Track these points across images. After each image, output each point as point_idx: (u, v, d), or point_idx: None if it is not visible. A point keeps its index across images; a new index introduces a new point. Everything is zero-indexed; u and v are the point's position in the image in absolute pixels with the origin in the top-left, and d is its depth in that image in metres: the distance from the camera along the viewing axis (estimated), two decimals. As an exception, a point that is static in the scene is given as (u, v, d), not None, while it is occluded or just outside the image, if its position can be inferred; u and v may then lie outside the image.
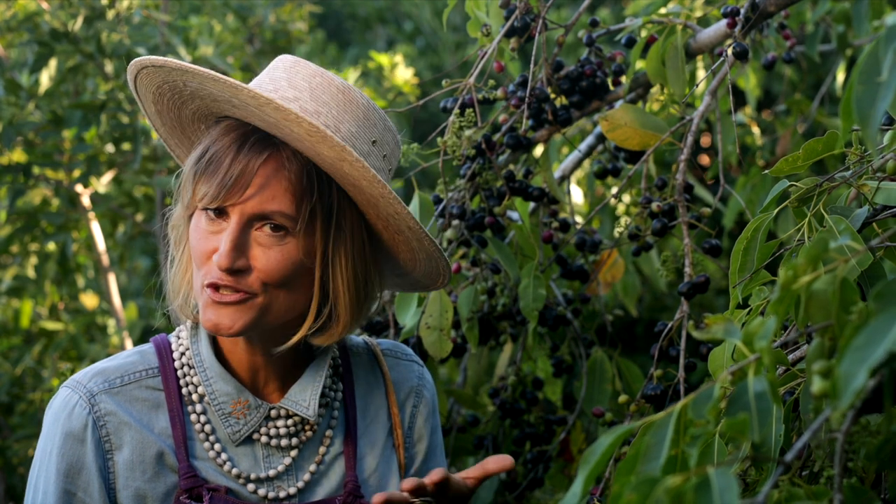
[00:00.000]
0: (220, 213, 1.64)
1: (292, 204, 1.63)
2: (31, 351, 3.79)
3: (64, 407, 1.68)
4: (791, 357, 1.57)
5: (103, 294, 4.06)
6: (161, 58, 1.63)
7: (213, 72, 1.60)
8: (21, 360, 3.71)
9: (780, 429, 1.31)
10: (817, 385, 1.09)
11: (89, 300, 4.22)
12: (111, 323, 3.96)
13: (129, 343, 3.54)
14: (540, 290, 2.16)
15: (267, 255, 1.63)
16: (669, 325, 1.99)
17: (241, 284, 1.63)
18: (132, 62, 1.66)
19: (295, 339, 1.69)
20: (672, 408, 1.14)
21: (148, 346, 1.76)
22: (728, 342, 1.54)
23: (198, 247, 1.65)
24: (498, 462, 1.64)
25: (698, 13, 2.83)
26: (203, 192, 1.63)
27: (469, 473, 1.65)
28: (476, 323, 2.18)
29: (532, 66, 2.21)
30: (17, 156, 3.61)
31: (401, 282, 1.87)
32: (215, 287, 1.63)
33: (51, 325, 3.89)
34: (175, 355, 1.74)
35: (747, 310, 1.62)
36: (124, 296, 4.01)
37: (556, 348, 2.43)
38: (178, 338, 1.75)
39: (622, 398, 2.00)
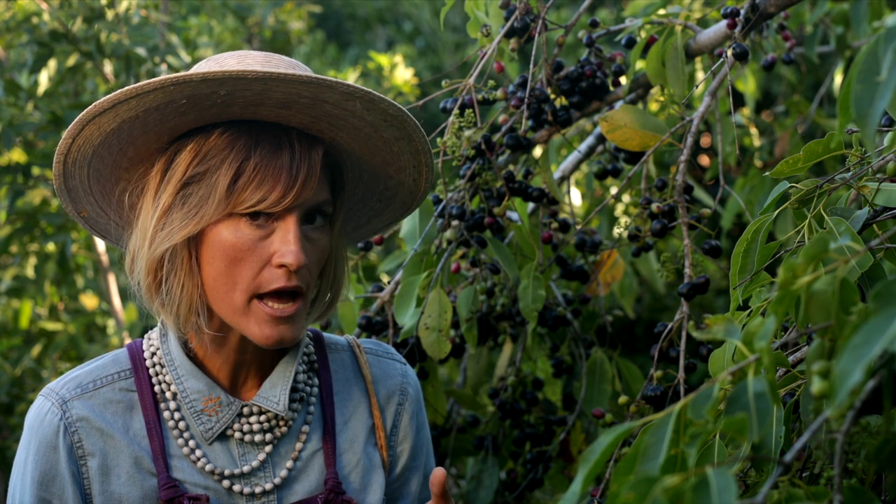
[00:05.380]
0: (269, 214, 1.63)
1: (330, 194, 1.70)
2: (30, 351, 3.79)
3: (37, 415, 1.69)
4: (791, 359, 1.57)
5: (103, 294, 4.06)
6: (269, 70, 1.58)
7: (328, 77, 1.61)
8: (21, 360, 3.72)
9: (781, 430, 1.31)
10: (817, 385, 1.09)
11: (89, 300, 4.23)
12: (111, 323, 3.96)
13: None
14: (539, 291, 2.16)
15: (314, 247, 1.68)
16: (669, 326, 1.99)
17: (301, 283, 1.65)
18: (200, 72, 1.57)
19: (308, 322, 1.74)
20: (671, 407, 1.14)
21: (121, 350, 1.76)
22: (729, 344, 1.54)
23: (246, 259, 1.63)
24: (436, 481, 1.63)
25: (697, 14, 2.83)
26: (258, 199, 1.61)
27: None
28: (475, 323, 2.18)
29: (532, 66, 2.21)
30: (17, 156, 3.61)
31: (355, 235, 1.93)
32: (275, 295, 1.63)
33: (51, 326, 3.89)
34: (146, 355, 1.74)
35: (748, 311, 1.62)
36: (124, 296, 4.01)
37: (555, 349, 2.43)
38: (149, 339, 1.76)
39: (622, 399, 2.00)
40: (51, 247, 3.77)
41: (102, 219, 1.79)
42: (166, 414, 1.71)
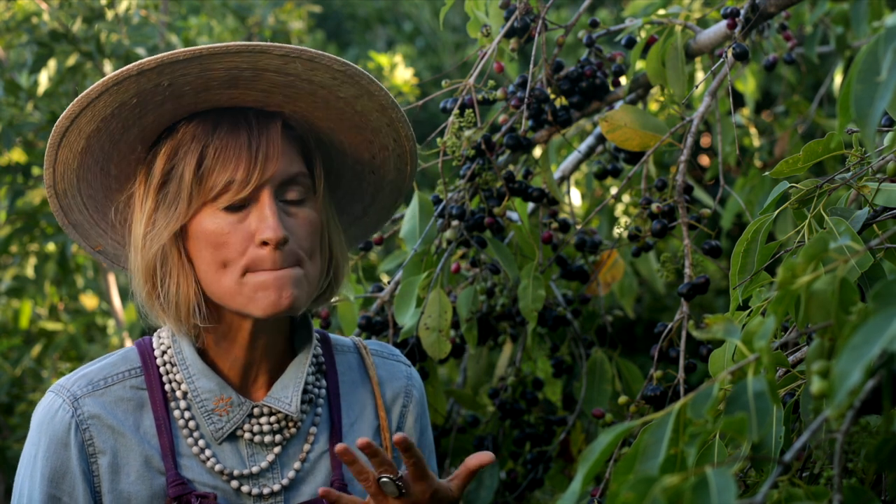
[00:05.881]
0: (242, 200, 1.64)
1: (304, 166, 1.70)
2: (30, 351, 3.79)
3: (48, 411, 1.68)
4: (791, 359, 1.57)
5: (103, 294, 4.06)
6: (164, 54, 1.59)
7: (252, 43, 1.61)
8: (21, 360, 3.72)
9: (781, 430, 1.31)
10: (816, 385, 1.09)
11: (89, 300, 4.23)
12: (111, 323, 3.96)
13: (128, 343, 3.54)
14: (539, 291, 2.16)
15: (297, 222, 1.67)
16: (669, 326, 1.99)
17: (289, 257, 1.64)
18: (135, 64, 1.59)
19: (310, 303, 1.73)
20: (671, 407, 1.14)
21: (131, 348, 1.76)
22: (728, 343, 1.54)
23: (229, 242, 1.64)
24: (479, 458, 1.64)
25: (697, 14, 2.83)
26: (224, 182, 1.62)
27: (454, 475, 1.65)
28: (475, 323, 2.18)
29: (532, 66, 2.21)
30: (17, 156, 3.61)
31: (368, 219, 1.92)
32: (265, 268, 1.63)
33: (51, 326, 3.89)
34: (157, 353, 1.73)
35: (748, 311, 1.62)
36: (124, 296, 4.01)
37: (555, 349, 2.43)
38: (160, 337, 1.75)
39: (622, 399, 2.00)
40: (51, 247, 3.77)
41: (120, 251, 1.81)
42: (176, 413, 1.71)
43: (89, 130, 1.64)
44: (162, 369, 1.72)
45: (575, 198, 3.27)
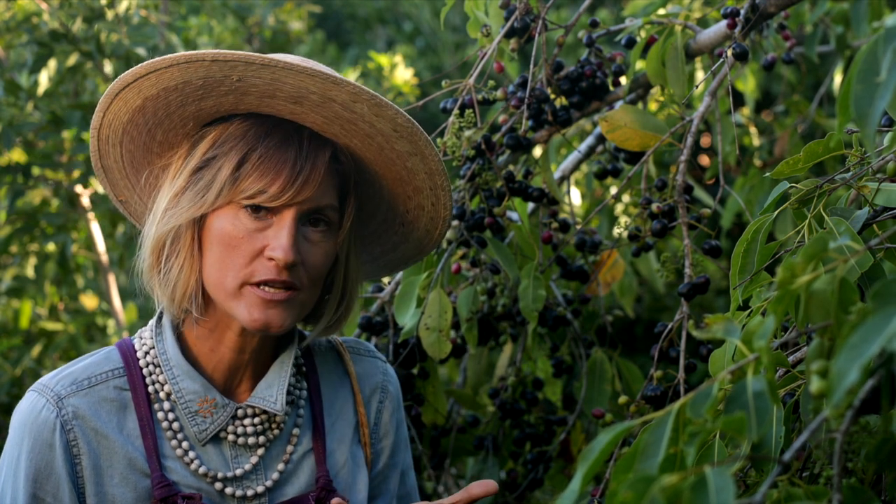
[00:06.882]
0: (268, 208, 1.65)
1: (337, 199, 1.71)
2: (30, 351, 3.79)
3: (31, 411, 1.67)
4: (791, 359, 1.57)
5: (103, 294, 4.06)
6: (270, 55, 1.60)
7: (331, 72, 1.62)
8: (21, 360, 3.71)
9: (780, 430, 1.31)
10: (815, 384, 1.09)
11: (89, 300, 4.22)
12: (111, 323, 3.96)
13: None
14: (539, 291, 2.16)
15: (314, 250, 1.68)
16: (669, 326, 1.99)
17: (294, 280, 1.65)
18: (211, 51, 1.59)
19: (315, 333, 1.77)
20: (671, 406, 1.14)
21: (112, 348, 1.76)
22: (729, 343, 1.54)
23: (240, 246, 1.65)
24: (483, 486, 1.64)
25: (697, 14, 2.83)
26: (257, 190, 1.63)
27: (454, 499, 1.66)
28: (475, 323, 2.18)
29: (532, 66, 2.21)
30: (17, 156, 3.61)
31: (384, 262, 1.94)
32: (266, 284, 1.64)
33: (51, 326, 3.89)
34: (139, 354, 1.73)
35: (748, 311, 1.62)
36: (124, 296, 4.01)
37: (555, 349, 2.43)
38: (141, 338, 1.75)
39: (622, 399, 2.00)
40: (51, 247, 3.77)
41: (142, 210, 1.82)
42: (160, 415, 1.71)
43: (149, 94, 1.66)
44: (145, 370, 1.72)
45: (575, 198, 3.27)
